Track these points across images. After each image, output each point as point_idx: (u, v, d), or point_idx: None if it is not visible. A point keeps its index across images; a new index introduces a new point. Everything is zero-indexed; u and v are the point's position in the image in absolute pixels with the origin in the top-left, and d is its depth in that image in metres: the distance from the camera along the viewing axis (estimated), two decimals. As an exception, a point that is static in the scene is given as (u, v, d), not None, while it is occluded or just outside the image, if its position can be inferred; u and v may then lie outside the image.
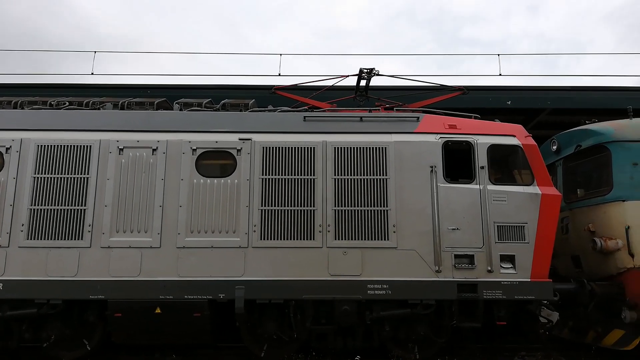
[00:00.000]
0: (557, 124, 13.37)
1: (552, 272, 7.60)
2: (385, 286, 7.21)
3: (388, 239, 7.36)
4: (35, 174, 7.47)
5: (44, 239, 7.26)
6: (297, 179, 7.55)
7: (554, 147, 9.30)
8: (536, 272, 7.27)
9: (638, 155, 7.92)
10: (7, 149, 7.57)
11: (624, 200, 7.82)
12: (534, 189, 7.52)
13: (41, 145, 7.58)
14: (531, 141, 7.82)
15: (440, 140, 7.73)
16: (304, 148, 7.67)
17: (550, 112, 12.88)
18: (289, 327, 7.48)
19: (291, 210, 7.45)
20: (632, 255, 7.66)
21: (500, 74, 11.97)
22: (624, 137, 8.07)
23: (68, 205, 7.37)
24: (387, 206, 7.45)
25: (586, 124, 8.98)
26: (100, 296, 7.13)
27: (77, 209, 7.37)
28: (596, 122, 8.91)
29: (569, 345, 8.77)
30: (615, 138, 8.10)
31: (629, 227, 7.70)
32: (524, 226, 7.38)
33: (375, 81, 9.40)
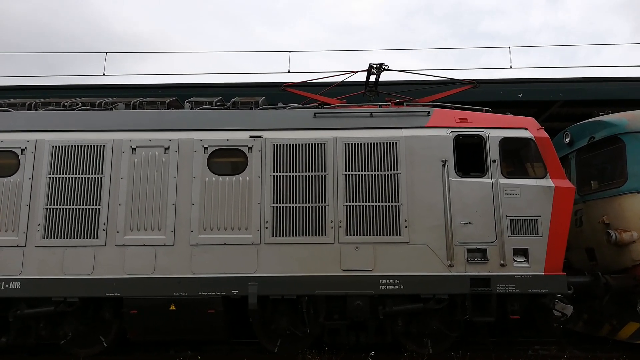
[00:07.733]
0: (569, 116, 13.23)
1: (566, 265, 7.54)
2: (397, 281, 7.22)
3: (400, 234, 7.35)
4: (50, 174, 7.57)
5: (60, 238, 7.37)
6: (308, 175, 7.57)
7: (567, 140, 9.21)
8: (550, 266, 7.22)
9: (652, 146, 7.81)
10: (22, 150, 7.68)
11: (638, 192, 7.73)
12: (547, 182, 7.46)
13: (55, 146, 7.67)
14: (543, 134, 7.76)
15: (451, 134, 7.70)
16: (315, 144, 7.68)
17: (563, 104, 12.74)
18: (302, 323, 7.52)
19: (303, 206, 7.48)
20: (647, 247, 7.58)
21: (511, 67, 11.97)
22: (637, 128, 7.97)
23: (83, 205, 7.47)
24: (398, 201, 7.45)
25: (599, 115, 8.89)
26: (115, 293, 7.23)
27: (92, 208, 7.46)
28: (609, 113, 8.81)
29: (584, 338, 8.71)
30: (629, 129, 8.01)
31: (644, 219, 7.61)
32: (537, 219, 7.33)
33: (385, 76, 9.39)
